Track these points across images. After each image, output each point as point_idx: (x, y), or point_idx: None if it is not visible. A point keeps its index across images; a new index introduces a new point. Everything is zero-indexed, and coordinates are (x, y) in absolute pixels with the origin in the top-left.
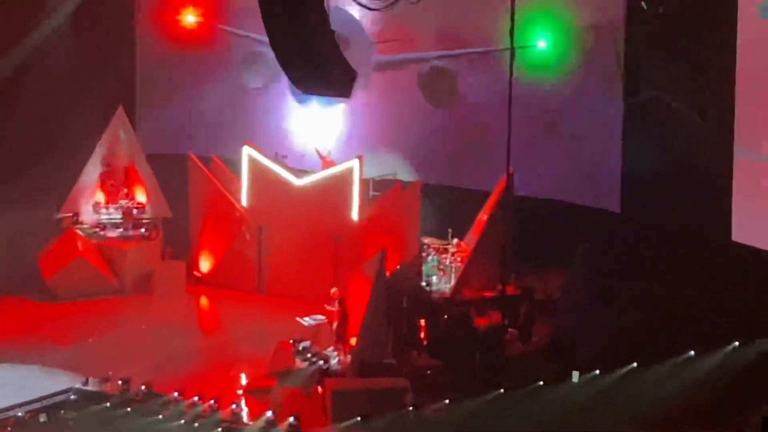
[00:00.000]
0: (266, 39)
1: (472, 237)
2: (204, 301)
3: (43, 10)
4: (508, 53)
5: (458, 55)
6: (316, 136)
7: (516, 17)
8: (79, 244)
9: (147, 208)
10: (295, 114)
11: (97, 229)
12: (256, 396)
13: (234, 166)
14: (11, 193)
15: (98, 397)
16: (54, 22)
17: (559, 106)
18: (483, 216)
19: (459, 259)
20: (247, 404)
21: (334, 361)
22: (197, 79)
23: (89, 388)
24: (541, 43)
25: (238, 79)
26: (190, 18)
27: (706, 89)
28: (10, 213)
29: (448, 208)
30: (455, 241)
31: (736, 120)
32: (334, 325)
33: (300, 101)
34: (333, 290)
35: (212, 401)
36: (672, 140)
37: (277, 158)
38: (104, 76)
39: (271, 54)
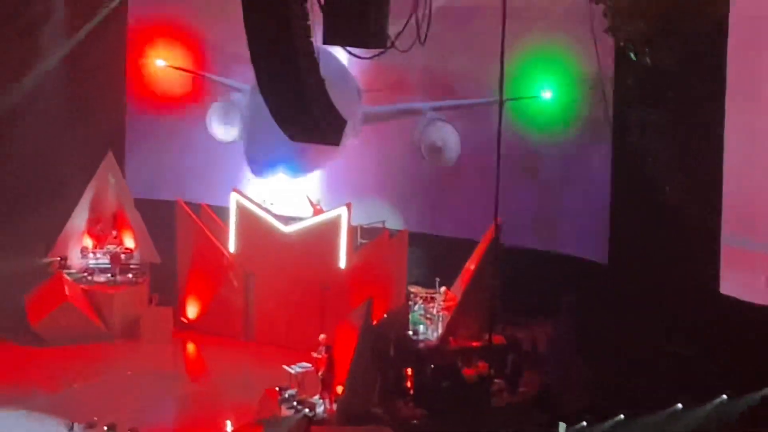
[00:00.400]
0: (244, 86)
1: (459, 286)
2: (191, 347)
3: (36, 54)
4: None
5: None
6: (306, 183)
7: (510, 66)
8: (67, 288)
9: (135, 253)
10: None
11: (85, 274)
12: None
13: (222, 212)
14: (1, 237)
15: None
16: (46, 66)
17: (548, 155)
18: (470, 265)
19: (446, 308)
20: None
21: (320, 409)
22: (187, 125)
23: None
24: (547, 93)
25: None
26: (159, 62)
27: (694, 139)
28: None
29: (436, 257)
30: (442, 290)
31: (724, 170)
32: (321, 372)
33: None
34: (321, 337)
35: None
36: (660, 191)
37: (265, 205)
38: (94, 120)
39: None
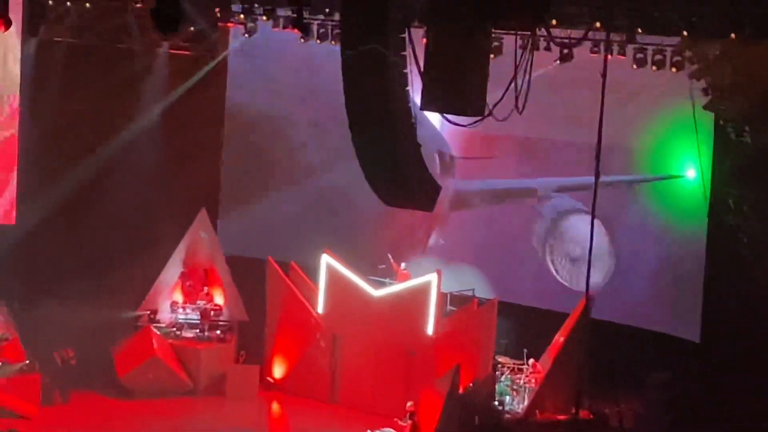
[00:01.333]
0: None
1: (547, 358)
2: (275, 406)
3: (136, 108)
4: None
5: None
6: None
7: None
8: (155, 342)
9: (224, 310)
10: (374, 220)
11: (174, 329)
12: None
13: (312, 272)
14: (92, 288)
15: None
16: (145, 120)
17: (642, 233)
18: (560, 338)
19: (533, 380)
20: None
21: None
22: (280, 183)
23: None
24: (690, 171)
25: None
26: None
27: None
28: (89, 307)
29: (525, 328)
30: (531, 361)
31: None
32: None
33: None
34: (409, 404)
35: None
36: (755, 270)
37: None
38: (190, 176)
39: None
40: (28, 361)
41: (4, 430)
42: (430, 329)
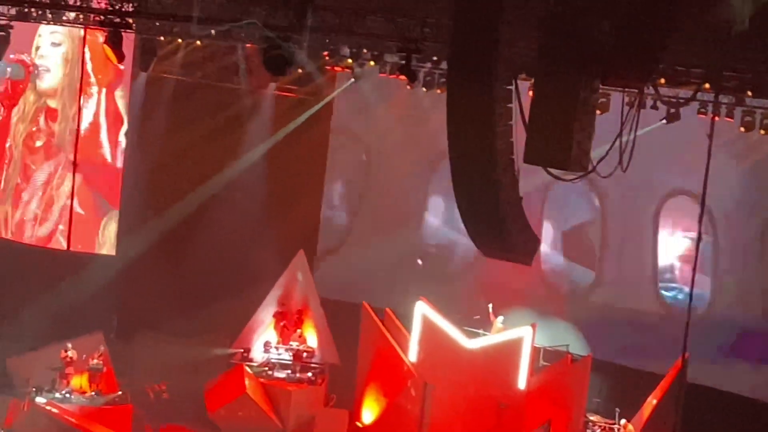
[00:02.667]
0: None
1: (639, 419)
2: None
3: (240, 147)
4: None
5: None
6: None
7: None
8: (247, 380)
9: (316, 352)
10: (472, 270)
11: (266, 368)
12: None
13: (406, 319)
14: (187, 323)
15: None
16: (249, 159)
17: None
18: (653, 399)
19: None
20: None
21: None
22: (378, 228)
23: None
24: None
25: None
26: None
27: None
28: (183, 342)
29: (618, 387)
30: (623, 422)
31: None
32: None
33: None
34: None
35: None
36: None
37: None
38: (289, 217)
39: None
40: (120, 392)
41: None
42: (522, 383)
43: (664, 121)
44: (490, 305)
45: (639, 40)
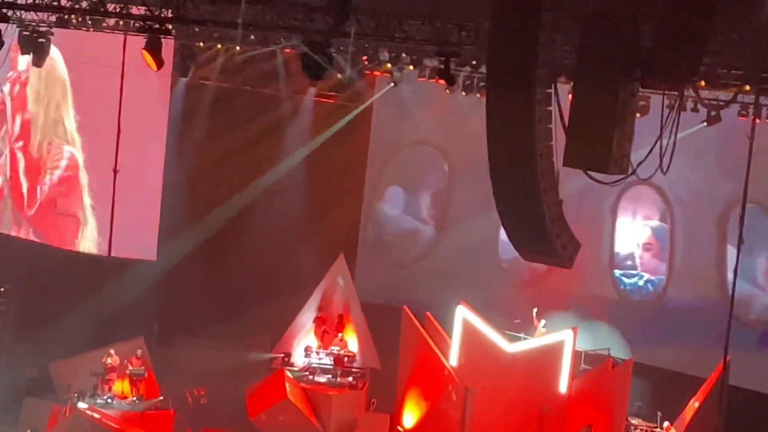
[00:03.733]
0: None
1: (681, 423)
2: None
3: (280, 152)
4: None
5: None
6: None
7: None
8: (288, 385)
9: (357, 356)
10: (512, 273)
11: (307, 373)
12: None
13: (447, 323)
14: (227, 328)
15: None
16: (289, 164)
17: None
18: (695, 402)
19: None
20: None
21: None
22: (419, 232)
23: None
24: None
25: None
26: None
27: None
28: (224, 347)
29: (660, 390)
30: (666, 425)
31: None
32: None
33: None
34: None
35: None
36: None
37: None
38: (330, 221)
39: None
40: (162, 398)
41: None
42: (563, 387)
43: (705, 123)
44: (535, 309)
45: (680, 42)
